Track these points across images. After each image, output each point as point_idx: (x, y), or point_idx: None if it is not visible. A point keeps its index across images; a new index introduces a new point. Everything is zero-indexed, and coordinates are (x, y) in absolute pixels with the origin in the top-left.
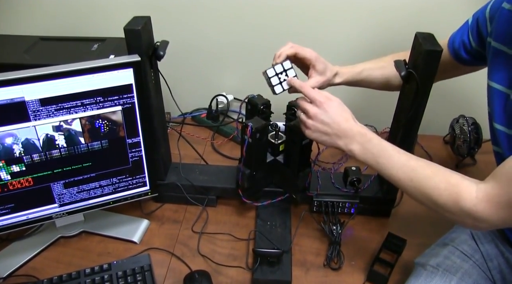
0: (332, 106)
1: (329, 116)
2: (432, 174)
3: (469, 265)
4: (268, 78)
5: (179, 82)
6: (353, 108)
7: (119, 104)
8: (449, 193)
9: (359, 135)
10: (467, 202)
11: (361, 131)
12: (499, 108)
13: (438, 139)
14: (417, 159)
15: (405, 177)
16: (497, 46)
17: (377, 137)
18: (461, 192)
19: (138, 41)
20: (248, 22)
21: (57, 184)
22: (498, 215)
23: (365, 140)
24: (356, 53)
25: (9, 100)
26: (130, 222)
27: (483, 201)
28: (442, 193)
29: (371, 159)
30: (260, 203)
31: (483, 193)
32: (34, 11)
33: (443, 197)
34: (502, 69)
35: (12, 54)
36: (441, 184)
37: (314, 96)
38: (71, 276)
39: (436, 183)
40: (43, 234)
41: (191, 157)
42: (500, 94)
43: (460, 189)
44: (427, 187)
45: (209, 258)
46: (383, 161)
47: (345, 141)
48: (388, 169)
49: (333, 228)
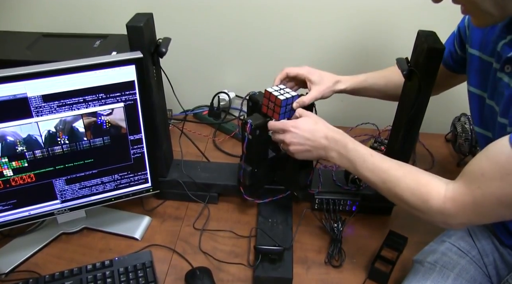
0: (301, 125)
1: (302, 136)
2: (403, 175)
3: (466, 261)
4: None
5: (181, 79)
6: (354, 107)
7: (121, 100)
8: (419, 193)
9: (334, 142)
10: (435, 201)
11: (335, 137)
12: (476, 111)
13: (440, 137)
14: (390, 161)
15: (378, 179)
16: (472, 52)
17: (353, 141)
18: (430, 192)
19: (141, 38)
20: (250, 20)
21: (59, 180)
22: (465, 214)
23: (340, 146)
24: (356, 53)
25: (12, 96)
26: (132, 218)
27: (450, 200)
28: (413, 193)
29: (348, 163)
30: (261, 201)
31: (450, 193)
32: (37, 8)
33: (413, 197)
34: (478, 74)
35: (15, 51)
36: (411, 185)
37: (283, 126)
38: (72, 272)
39: (407, 183)
40: (45, 230)
41: (192, 154)
42: (477, 98)
43: (430, 188)
44: (399, 188)
45: (210, 255)
46: (358, 165)
47: (324, 150)
48: (363, 172)
49: (334, 226)
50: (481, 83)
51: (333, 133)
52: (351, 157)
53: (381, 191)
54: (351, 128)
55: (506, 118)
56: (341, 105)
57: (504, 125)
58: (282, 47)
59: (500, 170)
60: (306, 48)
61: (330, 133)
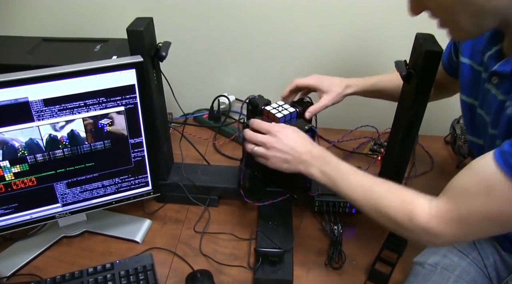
0: (288, 134)
1: (286, 144)
2: (386, 193)
3: (467, 263)
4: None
5: (181, 83)
6: (354, 109)
7: (121, 104)
8: (404, 211)
9: (317, 159)
10: (421, 219)
11: (319, 154)
12: (468, 119)
13: (439, 140)
14: (373, 178)
15: (361, 197)
16: (464, 61)
17: (336, 159)
18: (414, 209)
19: (141, 42)
20: (249, 23)
21: (60, 184)
22: (451, 231)
23: (323, 163)
24: (356, 55)
25: (13, 101)
26: (133, 222)
27: (435, 217)
28: (397, 210)
29: (330, 181)
30: (261, 203)
31: (435, 209)
32: (37, 13)
33: (398, 215)
34: (469, 82)
35: (16, 55)
36: (395, 202)
37: (268, 128)
38: (74, 276)
39: (391, 201)
40: (46, 233)
41: (193, 157)
42: (468, 106)
43: (414, 206)
44: (382, 206)
45: (211, 258)
46: (340, 182)
47: (305, 165)
48: (345, 189)
49: (335, 228)
50: (472, 91)
51: (317, 150)
52: (333, 175)
53: (364, 209)
54: (350, 130)
55: (495, 130)
56: (340, 108)
57: (494, 136)
58: (282, 51)
59: (485, 186)
60: (306, 51)
61: (314, 150)
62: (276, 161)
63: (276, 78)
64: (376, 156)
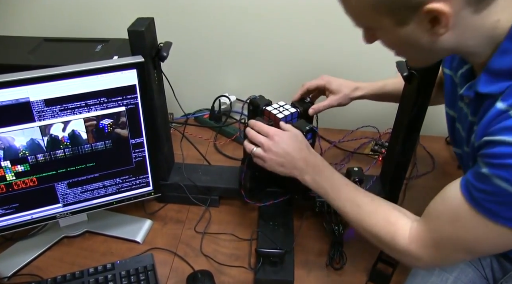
0: (285, 138)
1: (283, 148)
2: (374, 211)
3: (465, 264)
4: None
5: (182, 83)
6: (355, 110)
7: (122, 104)
8: (387, 231)
9: (312, 167)
10: (401, 241)
11: (314, 162)
12: (450, 130)
13: (441, 140)
14: (363, 194)
15: (351, 211)
16: (446, 71)
17: (330, 169)
18: (397, 231)
19: (142, 42)
20: (250, 23)
21: (61, 184)
22: (428, 255)
23: (317, 172)
24: (357, 55)
25: (14, 101)
26: (133, 222)
27: (413, 242)
28: (381, 230)
29: (321, 190)
30: (262, 204)
31: (414, 233)
32: (38, 13)
33: (382, 234)
34: (449, 94)
35: (17, 55)
36: (380, 222)
37: (268, 131)
38: (74, 276)
39: (377, 220)
40: (47, 233)
41: (193, 158)
42: (450, 118)
43: (397, 228)
44: (370, 224)
45: (211, 258)
46: (332, 193)
47: (299, 171)
48: (336, 202)
49: (335, 228)
50: (452, 104)
51: (314, 158)
52: (325, 185)
53: (353, 223)
54: (351, 130)
55: (468, 148)
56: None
57: (468, 154)
58: (283, 51)
59: (452, 214)
60: (307, 51)
61: (310, 158)
62: (272, 164)
63: (277, 79)
64: (377, 156)
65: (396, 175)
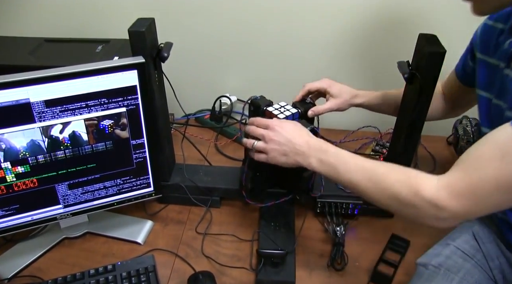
0: (285, 126)
1: (284, 136)
2: (389, 170)
3: (471, 265)
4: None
5: (182, 84)
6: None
7: (123, 105)
8: (409, 184)
9: (315, 149)
10: (427, 191)
11: (317, 144)
12: (484, 112)
13: (442, 140)
14: (373, 161)
15: (363, 178)
16: (480, 57)
17: (334, 147)
18: (421, 182)
19: (143, 42)
20: (251, 24)
21: (61, 185)
22: (459, 203)
23: (321, 152)
24: (358, 56)
25: (15, 102)
26: (134, 223)
27: (444, 189)
28: (402, 185)
29: (329, 169)
30: (263, 204)
31: (444, 182)
32: (39, 13)
33: (403, 190)
34: (485, 77)
35: (17, 56)
36: (400, 177)
37: (267, 122)
38: (75, 277)
39: (395, 177)
40: (47, 235)
41: (194, 158)
42: (485, 100)
43: (420, 179)
44: (387, 183)
45: (213, 259)
46: (340, 168)
47: (303, 156)
48: (347, 174)
49: (337, 229)
50: (487, 85)
51: (315, 140)
52: (332, 161)
53: (367, 190)
54: (352, 131)
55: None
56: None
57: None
58: (284, 52)
59: (500, 149)
60: (307, 52)
61: (312, 140)
62: (275, 155)
63: (278, 79)
64: (379, 156)
65: None
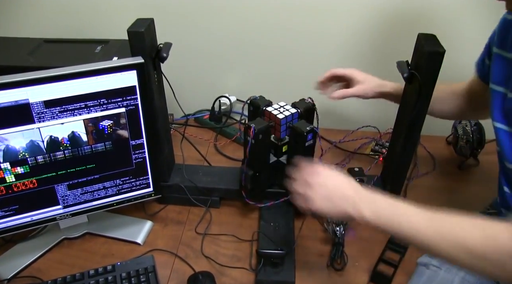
0: (332, 173)
1: (332, 183)
2: (459, 222)
3: None
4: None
5: (182, 84)
6: (356, 110)
7: (122, 106)
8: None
9: (366, 198)
10: (506, 240)
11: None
12: (498, 107)
13: (441, 140)
14: (435, 211)
15: (434, 235)
16: (497, 51)
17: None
18: (495, 227)
19: (142, 43)
20: (251, 23)
21: (61, 185)
22: None
23: (374, 203)
24: (359, 56)
25: (14, 102)
26: (134, 223)
27: None
28: (477, 240)
29: (385, 222)
30: (263, 204)
31: None
32: (38, 14)
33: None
34: (500, 71)
35: (16, 57)
36: (474, 231)
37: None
38: (75, 278)
39: (469, 231)
40: (47, 235)
41: (194, 159)
42: (499, 95)
43: (495, 225)
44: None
45: (212, 259)
46: (401, 223)
47: (353, 205)
48: (412, 230)
49: (336, 229)
50: (503, 79)
51: (365, 190)
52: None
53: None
54: (352, 131)
55: None
56: (342, 108)
57: None
58: (283, 52)
59: None
60: (307, 52)
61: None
62: (321, 202)
63: (277, 79)
64: (378, 156)
65: (396, 175)
